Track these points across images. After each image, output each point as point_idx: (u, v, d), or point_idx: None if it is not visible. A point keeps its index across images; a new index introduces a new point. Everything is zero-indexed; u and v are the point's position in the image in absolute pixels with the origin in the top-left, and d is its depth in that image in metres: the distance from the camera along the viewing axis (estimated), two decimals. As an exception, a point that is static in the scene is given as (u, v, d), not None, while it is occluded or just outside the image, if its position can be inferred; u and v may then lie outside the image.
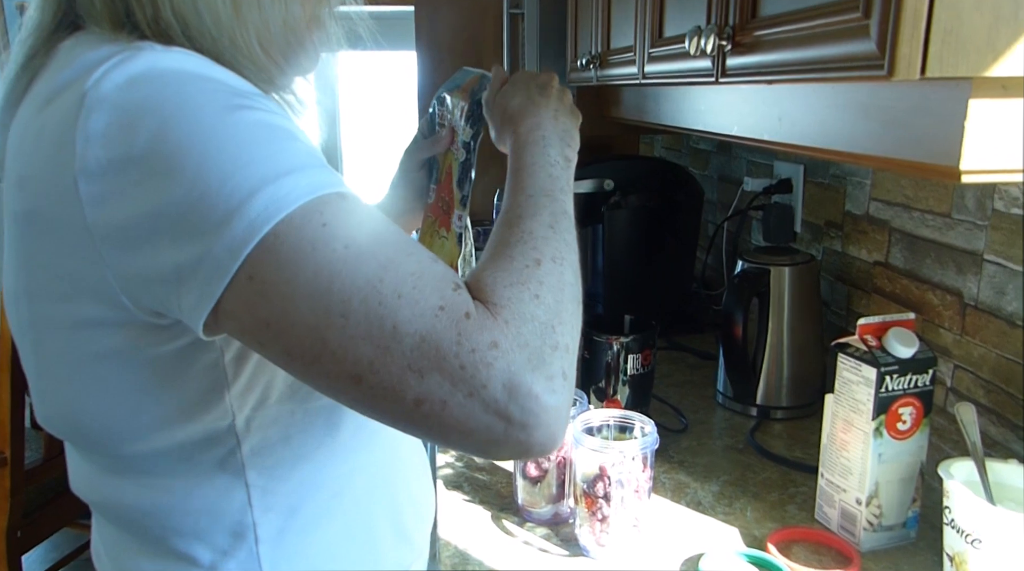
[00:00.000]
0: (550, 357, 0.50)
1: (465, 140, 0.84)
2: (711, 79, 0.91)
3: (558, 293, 0.54)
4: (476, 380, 0.48)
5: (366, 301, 0.47)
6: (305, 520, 0.64)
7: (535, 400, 0.49)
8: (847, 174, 1.30)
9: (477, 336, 0.48)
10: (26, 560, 1.89)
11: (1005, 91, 0.57)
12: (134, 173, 0.48)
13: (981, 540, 0.72)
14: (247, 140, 0.49)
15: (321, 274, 0.47)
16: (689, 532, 0.92)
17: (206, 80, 0.51)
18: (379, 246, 0.50)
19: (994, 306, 0.97)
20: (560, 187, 0.66)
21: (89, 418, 0.58)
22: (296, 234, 0.48)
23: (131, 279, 0.51)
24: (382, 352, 0.47)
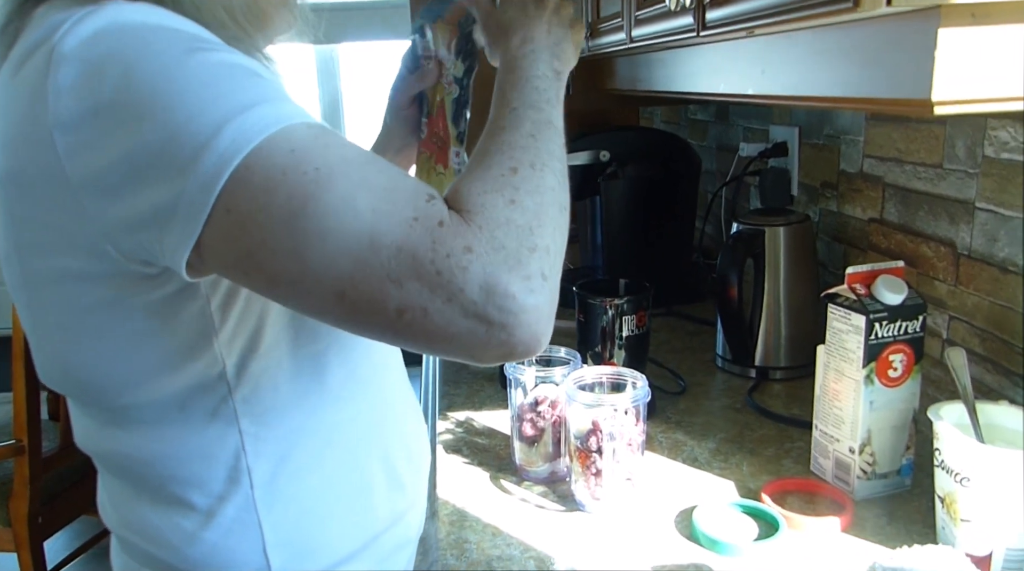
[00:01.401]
0: (527, 258, 0.51)
1: (457, 75, 0.83)
2: (693, 34, 0.91)
3: (536, 197, 0.55)
4: (453, 285, 0.49)
5: (341, 218, 0.48)
6: (297, 465, 0.66)
7: (512, 300, 0.49)
8: (840, 133, 1.29)
9: (451, 242, 0.49)
10: (48, 547, 1.93)
11: (974, 19, 0.57)
12: (104, 121, 0.49)
13: (969, 479, 0.72)
14: (210, 78, 0.50)
15: (294, 198, 0.48)
16: (684, 486, 0.93)
17: (166, 29, 0.52)
18: (349, 166, 0.50)
19: (987, 254, 0.97)
20: (546, 99, 0.65)
21: (84, 371, 0.60)
22: (266, 163, 0.48)
23: (114, 227, 0.52)
24: (361, 265, 0.48)
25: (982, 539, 0.73)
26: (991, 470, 0.71)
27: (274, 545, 0.64)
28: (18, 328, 1.75)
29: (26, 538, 1.84)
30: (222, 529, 0.63)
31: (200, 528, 0.63)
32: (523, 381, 0.95)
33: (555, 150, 0.61)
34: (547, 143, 0.60)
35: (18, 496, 1.83)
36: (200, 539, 0.64)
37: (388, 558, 0.73)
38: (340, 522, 0.68)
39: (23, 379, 1.77)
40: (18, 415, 1.78)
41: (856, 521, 0.84)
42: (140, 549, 0.67)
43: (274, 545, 0.64)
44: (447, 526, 0.86)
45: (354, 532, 0.69)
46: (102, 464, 0.69)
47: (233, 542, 0.64)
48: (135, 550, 0.67)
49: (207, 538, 0.63)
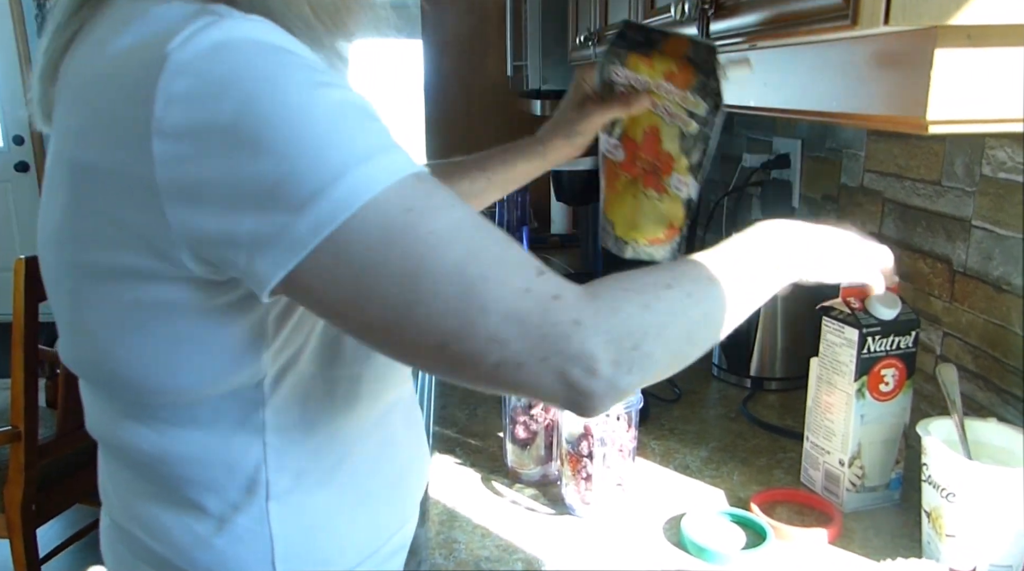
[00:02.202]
0: (627, 351, 0.53)
1: (697, 112, 0.82)
2: (696, 45, 0.91)
3: (671, 318, 0.57)
4: (553, 348, 0.51)
5: (454, 284, 0.50)
6: (312, 481, 0.66)
7: (597, 378, 0.52)
8: (843, 146, 1.30)
9: (562, 314, 0.52)
10: (41, 535, 1.93)
11: (971, 40, 0.57)
12: (216, 140, 0.49)
13: (956, 494, 0.73)
14: (333, 120, 0.50)
15: (409, 257, 0.50)
16: (675, 493, 0.93)
17: (287, 53, 0.52)
18: (462, 230, 0.52)
19: (982, 272, 0.97)
20: (750, 274, 0.66)
21: (124, 365, 0.59)
22: (383, 217, 0.50)
23: (195, 237, 0.52)
24: (467, 326, 0.51)
25: (967, 555, 0.73)
26: (977, 486, 0.72)
27: (283, 557, 0.64)
28: (19, 315, 1.76)
29: (19, 525, 1.85)
30: (233, 537, 0.63)
31: (211, 534, 0.63)
32: (517, 384, 0.95)
33: (722, 301, 0.61)
34: (719, 292, 0.61)
35: (13, 483, 1.83)
36: (210, 545, 0.63)
37: (385, 562, 0.74)
38: (347, 536, 0.68)
39: (22, 366, 1.77)
40: (15, 402, 1.79)
41: (844, 533, 0.84)
42: (142, 543, 0.66)
43: (283, 557, 0.64)
44: (437, 526, 0.87)
45: (359, 545, 0.70)
46: (113, 454, 0.68)
47: (242, 551, 0.64)
48: (136, 543, 0.67)
49: (217, 544, 0.63)
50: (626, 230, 0.91)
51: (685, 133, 0.83)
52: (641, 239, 0.92)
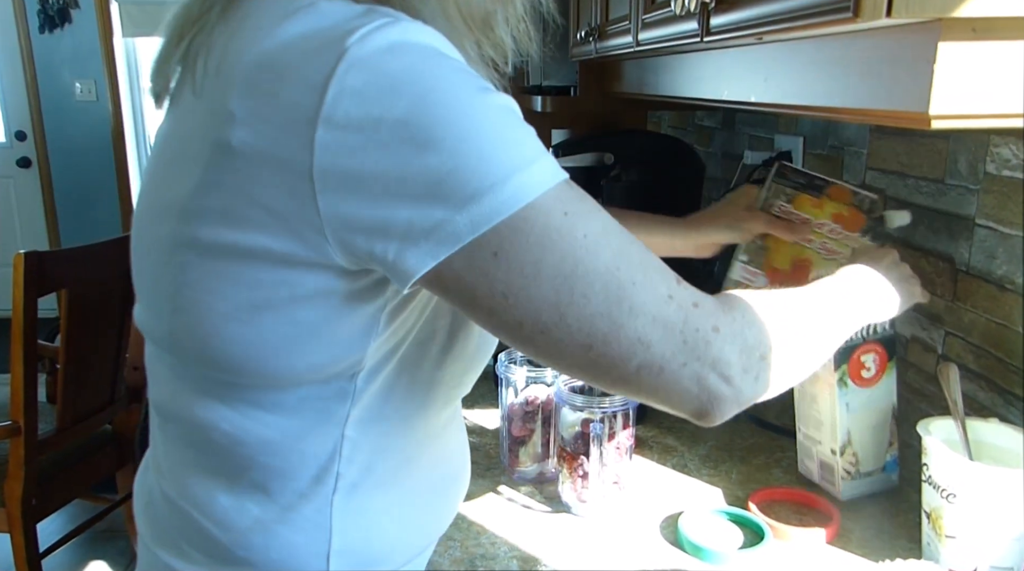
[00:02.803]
0: (757, 362, 0.58)
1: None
2: (697, 39, 0.91)
3: (792, 336, 0.63)
4: (694, 353, 0.55)
5: (607, 285, 0.53)
6: (377, 479, 0.66)
7: (731, 384, 0.56)
8: (845, 144, 1.29)
9: (703, 320, 0.56)
10: (41, 529, 1.93)
11: (975, 33, 0.56)
12: (387, 134, 0.50)
13: (956, 495, 0.72)
14: (499, 124, 0.53)
15: (567, 259, 0.52)
16: (672, 492, 0.93)
17: (454, 60, 0.54)
18: (611, 235, 0.55)
19: (985, 270, 0.96)
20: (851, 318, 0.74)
21: (229, 345, 0.58)
22: (543, 220, 0.52)
23: (347, 225, 0.52)
24: (617, 327, 0.54)
25: (966, 556, 0.72)
26: (978, 487, 0.71)
27: (338, 552, 0.64)
28: (18, 310, 1.76)
29: (19, 519, 1.85)
30: (295, 526, 0.63)
31: (274, 521, 0.62)
32: (514, 381, 0.95)
33: (826, 338, 0.69)
34: (826, 328, 0.69)
35: (12, 477, 1.83)
36: (269, 530, 0.63)
37: (417, 564, 0.73)
38: (398, 538, 0.68)
39: (22, 361, 1.77)
40: (15, 396, 1.79)
41: (842, 533, 0.84)
42: (192, 521, 0.65)
43: (338, 552, 0.64)
44: (432, 523, 0.86)
45: (406, 548, 0.70)
46: (179, 431, 0.66)
47: (301, 540, 0.63)
48: (184, 520, 0.66)
49: (278, 532, 0.63)
50: None
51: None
52: None
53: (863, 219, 0.92)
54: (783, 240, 0.95)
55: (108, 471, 2.13)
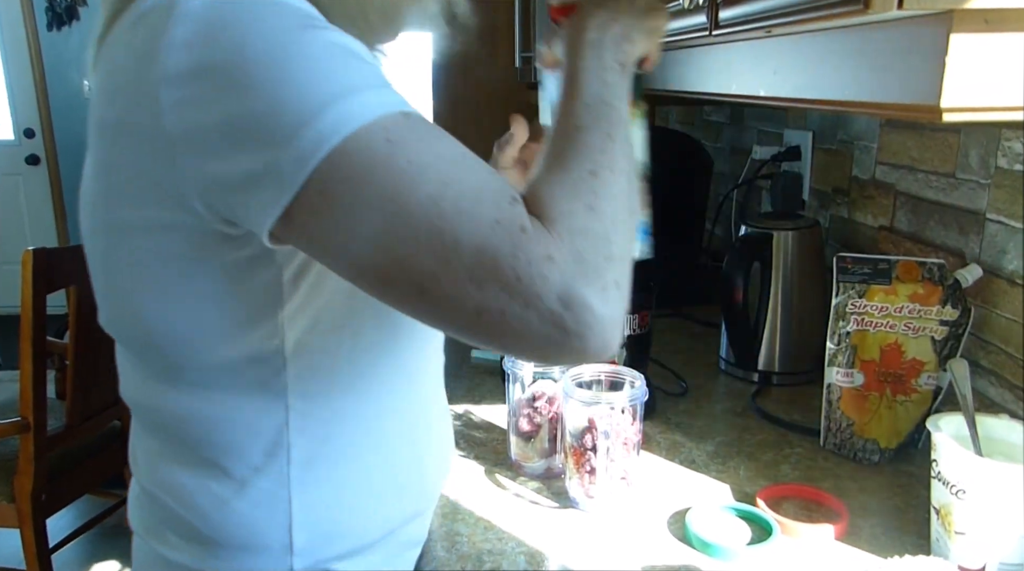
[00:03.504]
0: (604, 268, 0.51)
1: (950, 319, 0.93)
2: (706, 33, 0.90)
3: (612, 203, 0.54)
4: (532, 291, 0.49)
5: (428, 215, 0.49)
6: (335, 450, 0.66)
7: (589, 311, 0.50)
8: (854, 138, 1.28)
9: (532, 249, 0.49)
10: (51, 524, 1.94)
11: (988, 25, 0.56)
12: (211, 81, 0.50)
13: (965, 491, 0.71)
14: (319, 57, 0.51)
15: (386, 189, 0.49)
16: (680, 488, 0.92)
17: (283, 4, 0.53)
18: (440, 162, 0.51)
19: (995, 265, 0.96)
20: (616, 95, 0.62)
21: (151, 322, 0.60)
22: (363, 150, 0.49)
23: (206, 184, 0.53)
24: (443, 264, 0.49)
25: (976, 552, 0.72)
26: (988, 483, 0.70)
27: (300, 524, 0.64)
28: (27, 307, 1.77)
29: (29, 515, 1.86)
30: (252, 501, 0.64)
31: (232, 496, 0.63)
32: (521, 376, 0.95)
33: (628, 151, 0.60)
34: (622, 143, 0.59)
35: (22, 473, 1.84)
36: (229, 507, 0.64)
37: (399, 555, 0.73)
38: (365, 512, 0.68)
39: (31, 358, 1.78)
40: (24, 393, 1.80)
41: (851, 530, 0.83)
42: (167, 507, 0.67)
43: (300, 524, 0.64)
44: (439, 518, 0.86)
45: (376, 523, 0.69)
46: (143, 418, 0.69)
47: (261, 515, 0.64)
48: (161, 508, 0.67)
49: (236, 507, 0.64)
50: (890, 440, 0.97)
51: (935, 339, 0.93)
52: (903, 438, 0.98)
53: (939, 289, 0.93)
54: (867, 333, 0.96)
55: (117, 467, 2.14)
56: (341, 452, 0.66)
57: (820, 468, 0.96)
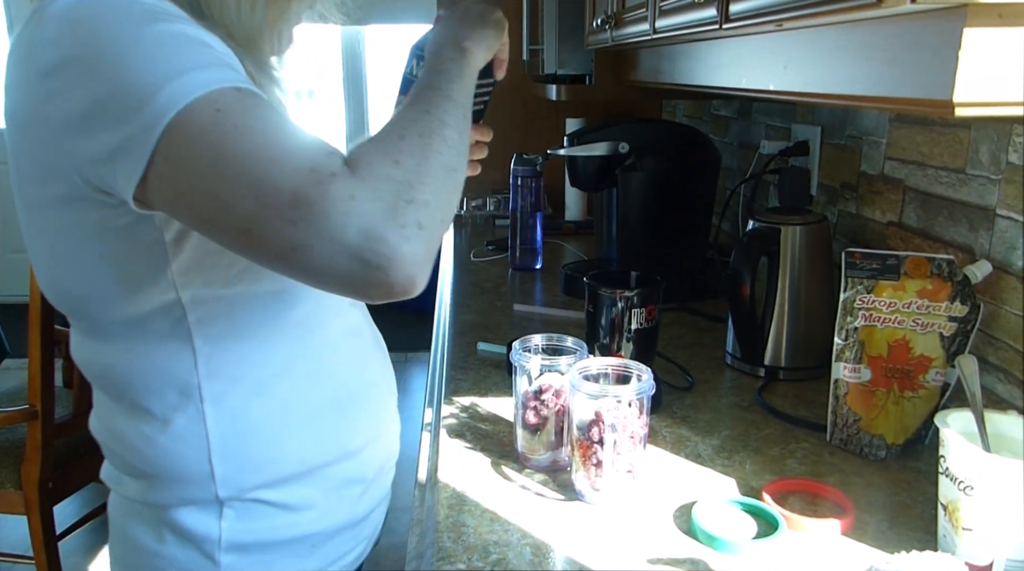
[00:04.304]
0: (404, 209, 0.59)
1: (959, 315, 0.92)
2: (716, 26, 0.90)
3: (419, 159, 0.62)
4: (335, 227, 0.56)
5: (248, 166, 0.57)
6: (246, 388, 0.75)
7: (387, 244, 0.57)
8: (863, 134, 1.28)
9: (338, 190, 0.57)
10: (58, 512, 1.96)
11: (1002, 19, 0.56)
12: (72, 71, 0.60)
13: (973, 487, 0.71)
14: (161, 44, 0.60)
15: (215, 149, 0.58)
16: (686, 481, 0.92)
17: (138, 3, 0.61)
18: (263, 124, 0.60)
19: (1005, 262, 0.95)
20: (447, 78, 0.73)
21: (66, 285, 0.71)
22: (196, 119, 0.58)
23: (82, 161, 0.62)
24: (263, 207, 0.57)
25: (983, 548, 0.72)
26: (996, 480, 0.70)
27: (218, 456, 0.74)
28: (35, 295, 1.77)
29: (36, 502, 1.87)
30: (174, 436, 0.73)
31: (156, 433, 0.73)
32: (528, 369, 0.95)
33: (448, 119, 0.68)
34: (441, 114, 0.68)
35: (30, 461, 1.85)
36: (155, 443, 0.74)
37: (338, 489, 0.82)
38: (283, 445, 0.77)
39: (39, 346, 1.79)
40: (32, 381, 1.81)
41: (857, 525, 0.83)
42: (116, 453, 0.78)
43: (218, 456, 0.74)
44: (446, 509, 0.86)
45: (298, 456, 0.78)
46: (87, 374, 0.78)
47: (182, 448, 0.73)
48: (112, 453, 0.79)
49: (161, 442, 0.73)
50: (897, 435, 0.98)
51: (944, 335, 0.93)
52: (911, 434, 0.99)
53: (948, 285, 0.92)
54: (875, 329, 0.96)
55: (123, 456, 2.15)
56: (252, 390, 0.75)
57: (826, 463, 0.96)
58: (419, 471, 0.98)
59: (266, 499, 0.78)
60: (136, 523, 0.78)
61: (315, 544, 0.82)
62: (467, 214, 2.42)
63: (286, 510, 0.79)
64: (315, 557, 0.82)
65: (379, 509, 0.93)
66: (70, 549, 2.26)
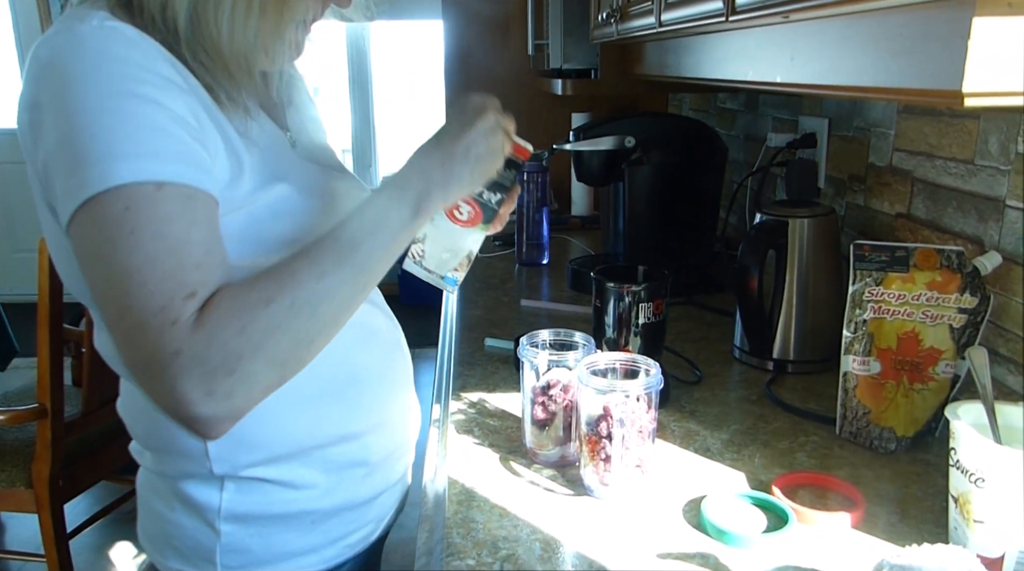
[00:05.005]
0: (220, 379, 0.63)
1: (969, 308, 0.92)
2: (722, 18, 0.89)
3: (271, 335, 0.65)
4: (157, 370, 0.62)
5: (119, 281, 0.63)
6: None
7: (187, 404, 0.63)
8: (871, 125, 1.27)
9: (170, 341, 0.62)
10: (68, 510, 1.97)
11: (1011, 8, 0.55)
12: (40, 115, 0.65)
13: (984, 479, 0.71)
14: (113, 119, 0.63)
15: (106, 246, 0.63)
16: (695, 476, 0.92)
17: (119, 62, 0.65)
18: (154, 241, 0.63)
19: (1014, 253, 0.95)
20: (378, 243, 0.71)
21: (71, 281, 0.76)
22: (105, 209, 0.63)
23: (45, 190, 0.68)
24: (117, 318, 0.64)
25: (995, 541, 0.72)
26: (1007, 471, 0.70)
27: None
28: (44, 294, 1.78)
29: (47, 500, 1.88)
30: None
31: (154, 410, 0.76)
32: (536, 364, 0.95)
33: (338, 294, 0.69)
34: (333, 286, 0.68)
35: (40, 459, 1.86)
36: (153, 418, 0.79)
37: (339, 471, 0.85)
38: (275, 427, 0.80)
39: (48, 345, 1.80)
40: (42, 379, 1.82)
41: (867, 518, 0.83)
42: (133, 428, 0.85)
43: None
44: (455, 505, 0.86)
45: (290, 438, 0.81)
46: (107, 361, 0.82)
47: (176, 425, 0.74)
48: (133, 431, 0.86)
49: (158, 417, 0.77)
50: (907, 428, 0.97)
51: (954, 327, 0.93)
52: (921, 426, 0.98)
53: (958, 277, 0.92)
54: (884, 321, 0.95)
55: (133, 453, 2.16)
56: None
57: (836, 456, 0.96)
58: (427, 467, 0.98)
59: (263, 476, 0.81)
60: (153, 493, 0.86)
61: (315, 520, 0.85)
62: (473, 210, 2.41)
63: (284, 487, 0.82)
64: (316, 533, 0.85)
65: (388, 494, 0.94)
66: (81, 547, 2.28)
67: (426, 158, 0.76)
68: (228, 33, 0.70)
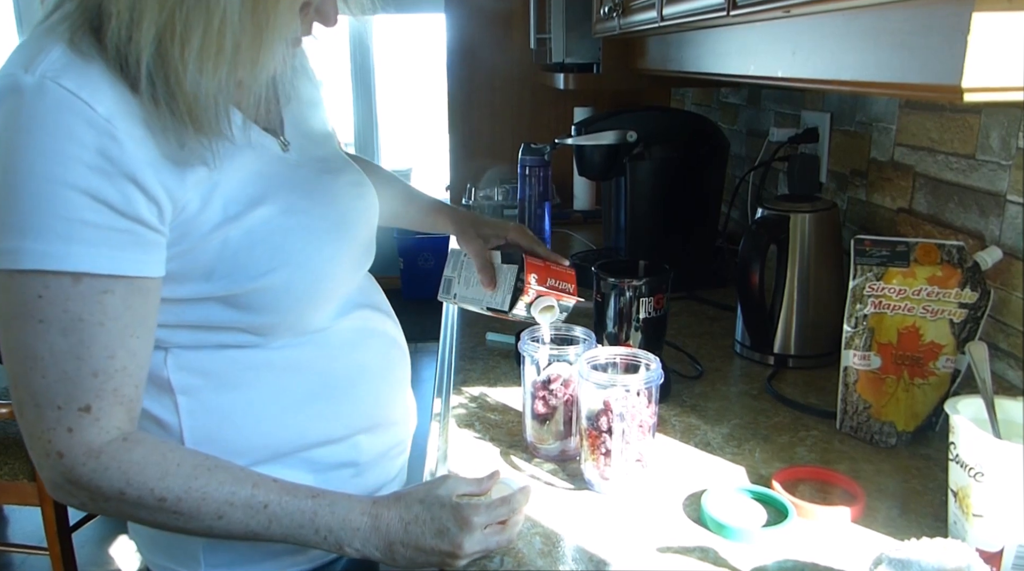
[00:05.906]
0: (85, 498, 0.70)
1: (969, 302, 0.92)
2: (723, 13, 0.89)
3: (143, 517, 0.71)
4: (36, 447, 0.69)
5: (24, 358, 0.66)
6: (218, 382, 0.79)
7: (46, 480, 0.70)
8: (873, 120, 1.27)
9: (60, 442, 0.67)
10: (72, 503, 1.98)
11: (1010, 3, 0.55)
12: None
13: (984, 473, 0.71)
14: (46, 205, 0.63)
15: (12, 328, 0.66)
16: (695, 470, 0.92)
17: (69, 140, 0.63)
18: (60, 337, 0.65)
19: (1015, 248, 0.95)
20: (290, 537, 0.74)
21: None
22: (22, 289, 0.65)
23: None
24: (16, 384, 0.68)
25: (994, 535, 0.72)
26: (1006, 466, 0.70)
27: (191, 441, 0.78)
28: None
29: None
30: (154, 421, 0.79)
31: (144, 419, 0.78)
32: (537, 359, 0.95)
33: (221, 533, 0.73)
34: (226, 529, 0.72)
35: (44, 452, 1.87)
36: (144, 427, 0.78)
37: (326, 471, 0.85)
38: (261, 435, 0.81)
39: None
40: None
41: (867, 512, 0.83)
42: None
43: (191, 441, 0.78)
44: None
45: (278, 443, 0.82)
46: None
47: (159, 433, 0.79)
48: None
49: (146, 426, 0.79)
50: (907, 423, 0.97)
51: (954, 321, 0.93)
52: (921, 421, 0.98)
53: (958, 272, 0.92)
54: (885, 316, 0.95)
55: (137, 447, 2.17)
56: (225, 384, 0.79)
57: (836, 451, 0.96)
58: (428, 461, 0.99)
59: None
60: None
61: None
62: (475, 204, 2.42)
63: None
64: None
65: (382, 492, 0.92)
66: (84, 540, 2.29)
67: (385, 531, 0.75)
68: (194, 74, 0.65)
